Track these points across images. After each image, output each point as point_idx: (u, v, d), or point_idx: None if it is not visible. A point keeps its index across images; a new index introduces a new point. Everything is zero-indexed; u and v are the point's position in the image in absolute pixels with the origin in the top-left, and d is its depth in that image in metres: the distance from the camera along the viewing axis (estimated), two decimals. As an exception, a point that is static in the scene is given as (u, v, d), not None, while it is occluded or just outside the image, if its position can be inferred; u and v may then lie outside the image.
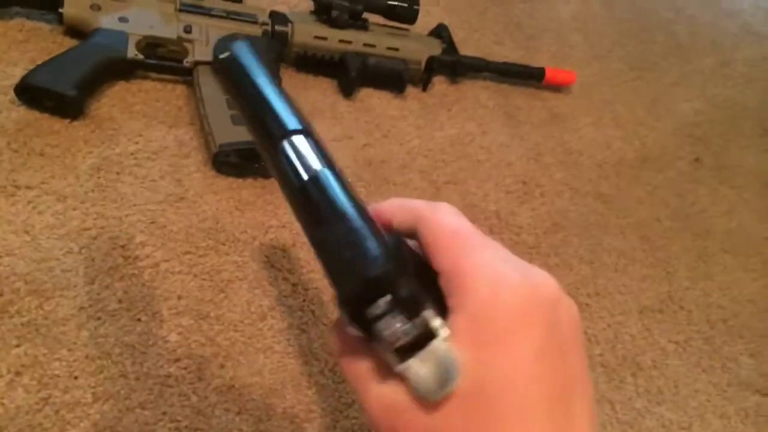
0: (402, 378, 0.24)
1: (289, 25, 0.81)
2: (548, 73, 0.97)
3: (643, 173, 0.93)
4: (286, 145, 0.30)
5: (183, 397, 0.52)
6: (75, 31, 0.73)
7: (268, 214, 0.67)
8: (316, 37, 0.82)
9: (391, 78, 0.86)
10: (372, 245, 0.25)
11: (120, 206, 0.62)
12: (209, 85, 0.72)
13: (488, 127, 0.89)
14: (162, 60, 0.74)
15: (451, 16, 1.02)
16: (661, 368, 0.69)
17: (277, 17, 0.81)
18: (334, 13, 0.82)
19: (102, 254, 0.58)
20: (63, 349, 0.52)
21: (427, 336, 0.24)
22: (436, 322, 0.24)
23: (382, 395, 0.25)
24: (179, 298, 0.58)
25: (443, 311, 0.26)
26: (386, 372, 0.25)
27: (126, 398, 0.51)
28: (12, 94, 0.66)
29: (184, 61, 0.74)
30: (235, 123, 0.69)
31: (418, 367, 0.24)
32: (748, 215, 0.93)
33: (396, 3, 0.85)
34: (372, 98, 0.86)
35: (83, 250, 0.58)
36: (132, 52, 0.72)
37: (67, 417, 0.48)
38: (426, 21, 0.88)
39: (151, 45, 0.74)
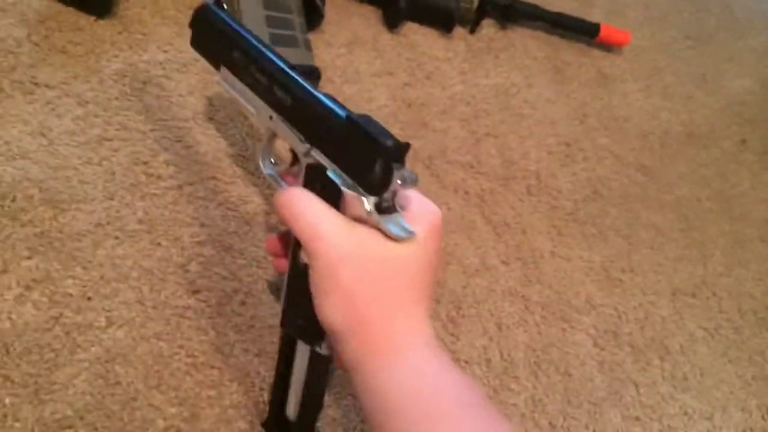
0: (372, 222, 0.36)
1: (339, -58, 0.74)
2: (603, 30, 0.91)
3: (687, 149, 0.88)
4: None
5: (201, 332, 0.49)
6: None
7: (301, 147, 0.63)
8: (367, -40, 0.75)
9: (441, 15, 0.80)
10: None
11: (145, 119, 0.58)
12: (249, -3, 0.66)
13: (535, 80, 0.83)
14: (200, -37, 0.68)
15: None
16: (689, 354, 0.66)
17: (326, -68, 0.74)
18: (388, -64, 0.75)
19: (123, 169, 0.54)
20: (77, 266, 0.48)
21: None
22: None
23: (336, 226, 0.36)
24: (202, 225, 0.54)
25: None
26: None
27: (141, 326, 0.47)
28: (35, -18, 0.60)
29: (224, -32, 0.68)
30: (274, 43, 0.64)
31: (396, 218, 0.37)
32: (788, 205, 0.89)
33: (454, -68, 0.78)
34: (417, 34, 0.80)
35: (103, 162, 0.54)
36: (168, -49, 0.65)
37: (78, 339, 0.45)
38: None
39: (189, -55, 0.68)
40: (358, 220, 0.36)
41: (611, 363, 0.62)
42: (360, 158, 0.36)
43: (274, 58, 0.42)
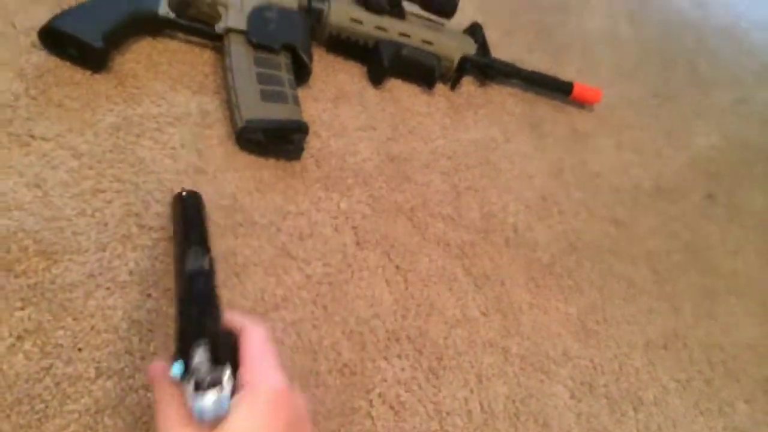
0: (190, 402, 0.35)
1: (327, 3, 0.78)
2: (576, 89, 0.95)
3: (657, 203, 0.92)
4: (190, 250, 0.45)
5: (188, 383, 0.50)
6: (106, -22, 0.69)
7: (288, 200, 0.65)
8: (353, 20, 0.79)
9: (423, 72, 0.83)
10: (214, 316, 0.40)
11: (138, 171, 0.59)
12: (240, 54, 0.69)
13: (512, 135, 0.87)
14: (193, 21, 0.70)
15: (485, 16, 1.00)
16: (662, 405, 0.69)
17: (315, -7, 0.78)
18: (374, -2, 0.79)
19: (116, 220, 0.55)
20: (68, 317, 0.49)
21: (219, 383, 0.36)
22: (226, 377, 0.36)
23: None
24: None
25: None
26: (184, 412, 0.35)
27: (130, 377, 0.48)
28: (34, 36, 0.62)
29: (216, 26, 0.70)
30: (264, 99, 0.67)
31: (205, 399, 0.35)
32: (754, 257, 0.93)
33: (436, -6, 0.82)
34: (400, 90, 0.83)
35: (96, 213, 0.55)
36: (164, 9, 0.68)
37: (68, 390, 0.46)
38: (459, 17, 0.85)
39: (183, 4, 0.70)
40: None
41: (588, 414, 0.64)
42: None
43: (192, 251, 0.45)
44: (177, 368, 0.36)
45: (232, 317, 0.42)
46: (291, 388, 0.38)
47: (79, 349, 0.48)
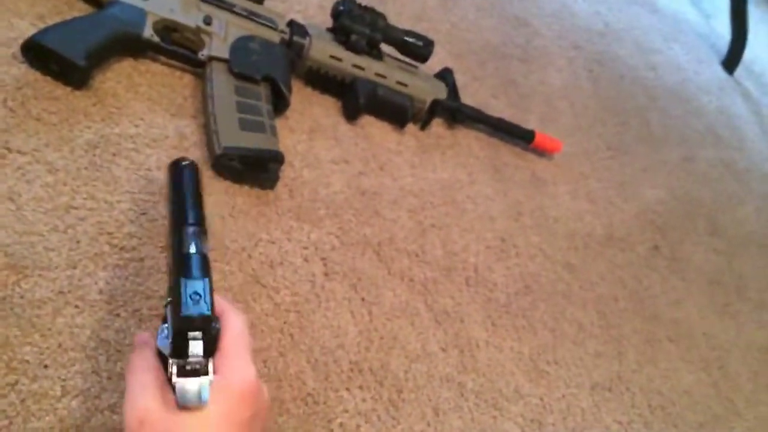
0: (173, 386, 0.37)
1: (308, 38, 0.80)
2: (537, 137, 1.00)
3: (607, 250, 0.97)
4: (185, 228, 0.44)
5: (153, 405, 0.50)
6: (92, -4, 0.70)
7: (260, 227, 0.66)
8: (332, 57, 0.82)
9: (396, 111, 0.87)
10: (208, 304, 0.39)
11: (112, 190, 0.60)
12: (221, 82, 0.71)
13: (477, 177, 0.91)
14: (176, 46, 0.72)
15: (454, 61, 1.05)
16: (605, 446, 0.72)
17: (296, 28, 0.80)
18: (353, 38, 0.82)
19: (88, 238, 0.56)
20: (36, 333, 0.49)
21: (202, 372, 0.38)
22: (211, 368, 0.39)
23: (146, 397, 0.37)
24: (161, 298, 0.56)
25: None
26: (161, 384, 0.38)
27: (96, 397, 0.48)
28: (16, 48, 0.62)
29: (199, 53, 0.72)
30: (243, 128, 0.68)
31: (188, 384, 0.37)
32: (692, 308, 0.99)
33: (412, 40, 0.86)
34: (372, 127, 0.86)
35: (69, 230, 0.55)
36: (148, 32, 0.69)
37: (33, 408, 0.45)
38: (431, 61, 0.89)
39: (168, 29, 0.72)
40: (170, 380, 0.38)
41: (536, 451, 0.67)
42: (171, 320, 0.40)
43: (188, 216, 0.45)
44: (164, 340, 0.38)
45: (216, 301, 0.42)
46: (258, 381, 0.40)
47: (46, 366, 0.48)
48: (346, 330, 0.64)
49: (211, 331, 0.39)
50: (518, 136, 1.00)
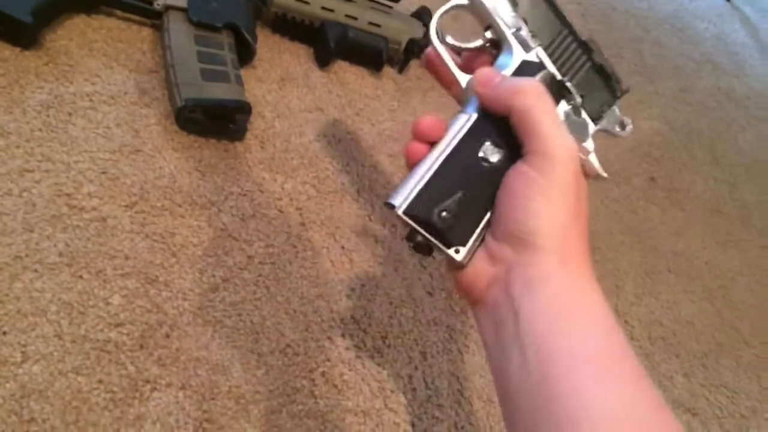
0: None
1: (272, -18, 0.76)
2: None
3: (602, 184, 0.94)
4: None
5: (121, 366, 0.48)
6: (36, -50, 0.66)
7: (230, 180, 0.63)
8: (298, 0, 0.78)
9: (370, 54, 0.83)
10: None
11: (69, 150, 0.57)
12: (180, 32, 0.67)
13: (460, 119, 0.87)
14: (130, -2, 0.68)
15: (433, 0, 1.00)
16: (604, 380, 0.70)
17: (259, -28, 0.76)
18: (320, -22, 0.78)
19: (44, 200, 0.53)
20: (-8, 300, 0.47)
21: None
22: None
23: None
24: (126, 258, 0.54)
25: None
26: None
27: (59, 361, 0.46)
28: (-44, 10, 0.59)
29: (155, 2, 0.68)
30: (205, 78, 0.65)
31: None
32: (693, 239, 0.96)
33: (384, -24, 0.82)
34: (347, 72, 0.82)
35: (24, 194, 0.53)
36: (99, -15, 0.65)
37: (-9, 376, 0.44)
38: (407, 2, 0.85)
39: (120, -20, 0.68)
40: None
41: (531, 389, 0.65)
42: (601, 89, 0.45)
43: None
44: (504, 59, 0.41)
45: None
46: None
47: (4, 333, 0.46)
48: (326, 279, 0.62)
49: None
50: (503, 74, 0.96)
